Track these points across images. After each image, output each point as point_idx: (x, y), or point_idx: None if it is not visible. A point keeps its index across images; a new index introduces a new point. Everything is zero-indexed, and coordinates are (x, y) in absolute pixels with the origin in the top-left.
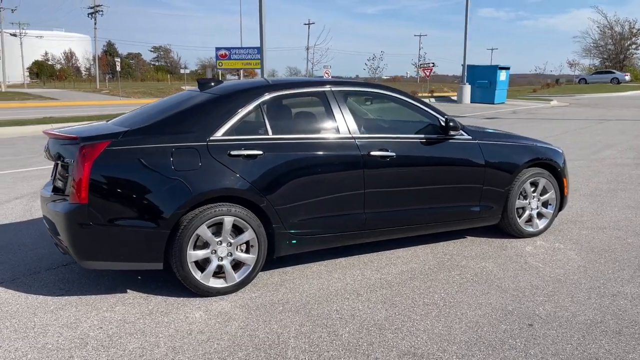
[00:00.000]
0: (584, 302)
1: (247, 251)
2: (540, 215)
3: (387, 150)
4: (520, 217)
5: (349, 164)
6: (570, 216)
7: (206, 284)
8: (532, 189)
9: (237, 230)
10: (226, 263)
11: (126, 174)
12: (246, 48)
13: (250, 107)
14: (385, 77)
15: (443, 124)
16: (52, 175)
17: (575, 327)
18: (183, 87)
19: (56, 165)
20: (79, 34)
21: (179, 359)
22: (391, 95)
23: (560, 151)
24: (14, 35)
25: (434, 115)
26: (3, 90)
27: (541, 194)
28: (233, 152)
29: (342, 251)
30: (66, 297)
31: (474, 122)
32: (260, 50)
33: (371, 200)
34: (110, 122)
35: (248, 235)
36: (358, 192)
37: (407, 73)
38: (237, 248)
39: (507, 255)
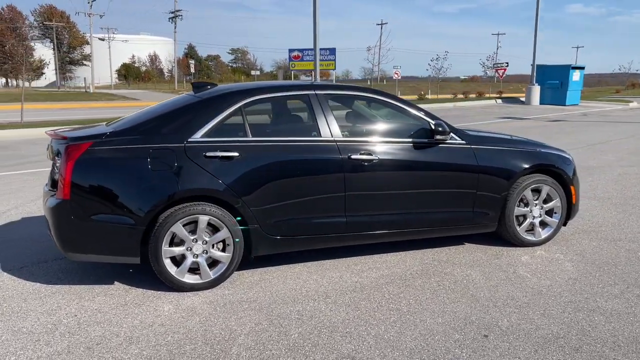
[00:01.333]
0: (555, 316)
1: (223, 250)
2: (543, 224)
3: (370, 154)
4: (520, 225)
5: (328, 167)
6: (588, 226)
7: (181, 279)
8: (534, 197)
9: (213, 229)
10: (201, 260)
11: (106, 173)
12: (319, 49)
13: (231, 110)
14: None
15: (432, 128)
16: (51, 171)
17: (532, 341)
18: None
19: (54, 163)
20: (163, 37)
21: (130, 348)
22: (378, 99)
23: (569, 157)
24: (102, 39)
25: (424, 119)
26: (92, 91)
27: (545, 202)
28: (209, 154)
29: (330, 253)
30: (59, 285)
31: (533, 125)
32: (314, 51)
33: (353, 204)
34: (110, 124)
35: (223, 234)
36: (338, 195)
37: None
38: (213, 246)
39: (498, 264)
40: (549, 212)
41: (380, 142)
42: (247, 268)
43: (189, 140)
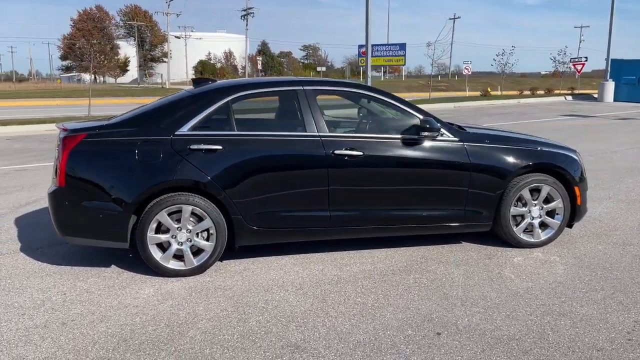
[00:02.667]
0: (519, 318)
1: (207, 239)
2: (544, 225)
3: (355, 150)
4: (518, 225)
5: (311, 162)
6: (603, 228)
7: (165, 265)
8: (534, 196)
9: (198, 218)
10: (185, 248)
11: (97, 162)
12: (388, 45)
13: (218, 104)
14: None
15: (419, 124)
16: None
17: (483, 342)
18: None
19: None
20: (238, 35)
21: (99, 326)
22: (367, 94)
23: (574, 157)
24: (178, 37)
25: (415, 116)
26: (167, 87)
27: (546, 202)
28: (193, 146)
29: (322, 247)
30: (62, 266)
31: (596, 123)
32: (366, 47)
33: (337, 199)
34: (112, 118)
35: (207, 223)
36: (322, 190)
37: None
38: (197, 235)
39: (486, 264)
40: (551, 213)
41: (366, 138)
42: (237, 257)
43: (176, 133)
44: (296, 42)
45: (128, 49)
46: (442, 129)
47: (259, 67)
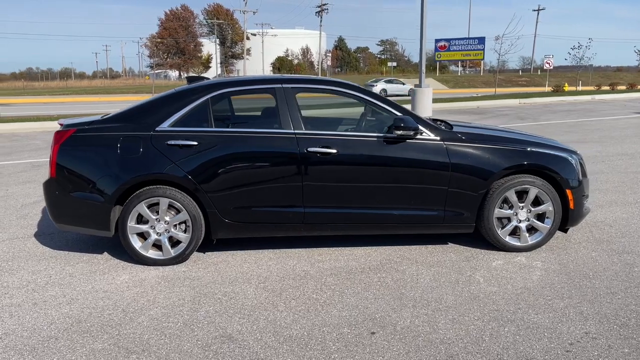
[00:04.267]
0: (463, 323)
1: (185, 231)
2: (532, 229)
3: (329, 147)
4: (503, 227)
5: (285, 159)
6: (609, 235)
7: (144, 254)
8: (520, 198)
9: (175, 210)
10: (162, 238)
11: (83, 156)
12: (466, 39)
13: (198, 102)
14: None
15: (393, 123)
16: None
17: (413, 344)
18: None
19: None
20: (316, 31)
21: (64, 307)
22: (347, 92)
23: (566, 158)
24: (254, 34)
25: (394, 114)
26: None
27: (535, 205)
28: (170, 142)
29: (305, 241)
30: (62, 251)
31: None
32: (420, 41)
33: (311, 196)
34: (105, 115)
35: (183, 216)
36: (296, 186)
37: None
38: (175, 227)
39: (460, 267)
40: (541, 217)
41: (340, 135)
42: (219, 249)
43: (156, 129)
44: (374, 37)
45: (210, 47)
46: (421, 128)
47: (328, 62)
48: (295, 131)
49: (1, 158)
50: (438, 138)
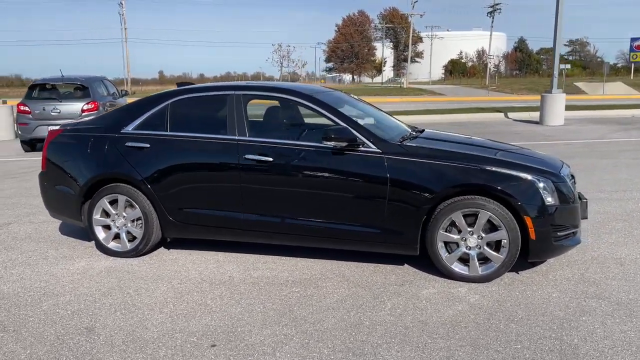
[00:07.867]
0: (308, 349)
1: (141, 227)
2: (484, 259)
3: (266, 155)
4: (450, 252)
5: (225, 165)
6: (601, 276)
7: (106, 245)
8: (469, 223)
9: (133, 208)
10: (121, 232)
11: (64, 153)
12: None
13: (159, 107)
14: None
15: (325, 133)
16: None
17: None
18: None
19: None
20: (495, 32)
21: (7, 285)
22: (296, 101)
23: (532, 180)
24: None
25: (338, 124)
26: (404, 86)
27: (489, 232)
28: (128, 144)
29: (271, 249)
30: (61, 236)
31: None
32: (554, 41)
33: (248, 203)
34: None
35: (137, 213)
36: (235, 192)
37: None
38: (133, 222)
39: (382, 291)
40: (497, 245)
41: (277, 144)
42: (187, 248)
43: (121, 131)
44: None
45: (384, 51)
46: (361, 139)
47: (490, 65)
48: (238, 137)
49: None
50: (380, 151)
